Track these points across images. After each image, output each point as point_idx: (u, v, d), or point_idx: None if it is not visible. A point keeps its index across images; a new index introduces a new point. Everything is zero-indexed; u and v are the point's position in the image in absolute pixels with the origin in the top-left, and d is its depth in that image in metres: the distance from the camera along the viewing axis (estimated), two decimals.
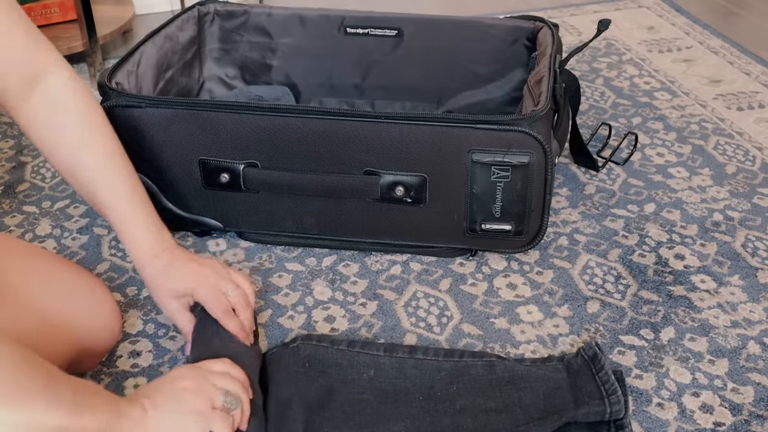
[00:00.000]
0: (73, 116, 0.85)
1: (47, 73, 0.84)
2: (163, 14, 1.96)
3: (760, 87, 1.51)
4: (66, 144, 0.84)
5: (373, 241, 1.07)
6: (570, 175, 1.25)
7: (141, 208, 0.86)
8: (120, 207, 0.85)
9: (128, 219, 0.85)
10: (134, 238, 0.85)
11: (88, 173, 0.85)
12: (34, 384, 0.59)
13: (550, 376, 0.86)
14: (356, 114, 0.97)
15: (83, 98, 0.86)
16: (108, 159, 0.86)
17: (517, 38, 1.25)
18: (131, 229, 0.85)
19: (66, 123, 0.84)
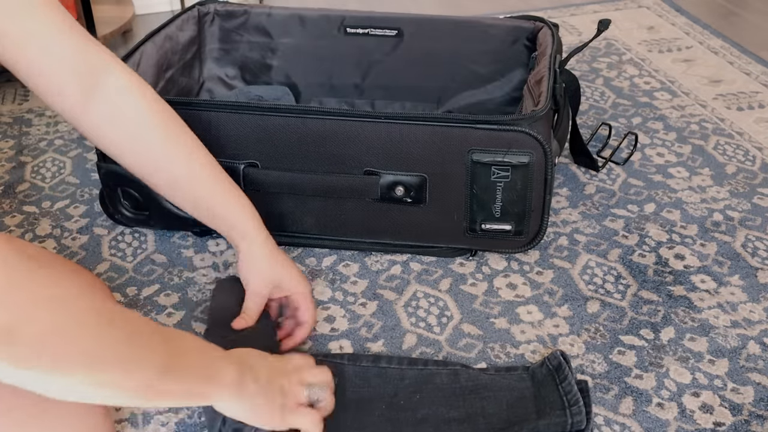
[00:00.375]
0: (148, 127, 0.83)
1: (104, 74, 0.80)
2: (163, 14, 1.96)
3: (760, 87, 1.51)
4: (150, 158, 0.84)
5: (373, 241, 1.07)
6: (570, 175, 1.25)
7: (245, 202, 0.89)
8: (222, 195, 0.87)
9: (235, 200, 0.88)
10: (248, 217, 0.88)
11: (187, 188, 0.86)
12: (116, 343, 0.58)
13: (515, 386, 0.85)
14: (356, 114, 0.97)
15: (148, 102, 0.83)
16: (194, 155, 0.86)
17: (517, 38, 1.25)
18: (243, 208, 0.88)
19: (144, 136, 0.83)
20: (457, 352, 0.93)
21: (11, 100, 1.51)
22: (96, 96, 0.80)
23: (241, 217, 0.88)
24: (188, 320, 0.98)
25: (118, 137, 0.82)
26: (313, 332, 0.96)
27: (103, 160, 1.04)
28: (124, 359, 0.58)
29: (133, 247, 1.10)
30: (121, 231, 1.13)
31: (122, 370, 0.58)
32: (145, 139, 0.83)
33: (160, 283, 1.03)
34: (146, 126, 0.83)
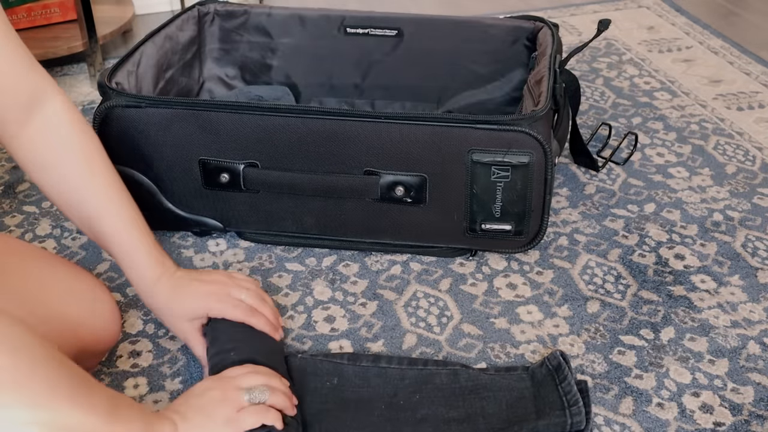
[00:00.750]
0: (73, 149, 0.84)
1: (44, 99, 0.82)
2: (163, 14, 1.96)
3: (760, 87, 1.51)
4: (66, 177, 0.83)
5: (373, 241, 1.07)
6: (570, 175, 1.25)
7: (143, 238, 0.85)
8: (122, 238, 0.84)
9: (131, 249, 0.85)
10: (138, 266, 0.85)
11: (90, 207, 0.84)
12: (69, 387, 0.59)
13: (514, 386, 0.85)
14: (356, 114, 0.97)
15: (80, 128, 0.85)
16: (108, 192, 0.85)
17: (517, 38, 1.25)
18: (135, 258, 0.85)
19: (65, 156, 0.83)
20: (457, 352, 0.93)
21: None
22: (33, 119, 0.81)
23: (142, 262, 0.85)
24: None
25: (45, 160, 0.83)
26: (313, 332, 0.96)
27: None
28: (75, 402, 0.59)
29: None
30: None
31: (75, 410, 0.59)
32: (66, 163, 0.83)
33: None
34: (69, 150, 0.83)
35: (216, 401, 0.73)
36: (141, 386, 0.88)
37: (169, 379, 0.89)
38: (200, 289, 0.86)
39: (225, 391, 0.75)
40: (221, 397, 0.74)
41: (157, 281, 0.85)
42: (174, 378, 0.89)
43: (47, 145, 0.82)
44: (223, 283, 0.87)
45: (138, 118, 1.00)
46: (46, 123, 0.82)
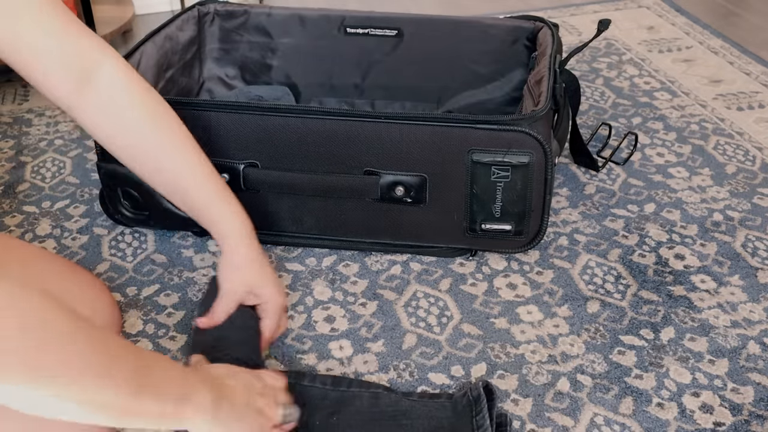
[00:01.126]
0: (137, 118, 0.84)
1: (98, 65, 0.81)
2: (163, 14, 1.96)
3: (760, 87, 1.51)
4: (137, 147, 0.84)
5: (373, 241, 1.07)
6: (570, 175, 1.25)
7: (231, 196, 0.89)
8: (213, 199, 0.87)
9: (225, 197, 0.88)
10: (235, 215, 0.88)
11: (171, 176, 0.86)
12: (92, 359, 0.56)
13: (434, 414, 0.83)
14: (356, 114, 0.97)
15: (140, 92, 0.85)
16: (186, 156, 0.86)
17: (517, 38, 1.25)
18: (230, 206, 0.88)
19: (132, 125, 0.84)
20: (457, 352, 0.93)
21: (11, 100, 1.51)
22: (88, 89, 0.81)
23: (227, 215, 0.87)
24: (188, 320, 0.98)
25: (110, 127, 0.83)
26: (313, 332, 0.96)
27: (103, 160, 1.04)
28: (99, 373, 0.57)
29: (133, 247, 1.10)
30: (121, 231, 1.13)
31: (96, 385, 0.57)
32: (136, 129, 0.84)
33: (160, 283, 1.03)
34: (137, 116, 0.83)
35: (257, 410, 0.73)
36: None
37: None
38: (278, 281, 0.91)
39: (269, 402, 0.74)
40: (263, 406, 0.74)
41: (252, 238, 0.88)
42: None
43: (107, 115, 0.83)
44: (276, 307, 0.90)
45: None
46: (103, 91, 0.82)
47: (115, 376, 0.58)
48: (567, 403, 0.86)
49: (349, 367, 0.91)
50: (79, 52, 0.80)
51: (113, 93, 0.82)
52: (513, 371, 0.90)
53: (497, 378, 0.89)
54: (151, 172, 0.86)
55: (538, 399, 0.87)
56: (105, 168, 1.04)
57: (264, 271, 0.89)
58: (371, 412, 0.83)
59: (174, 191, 0.87)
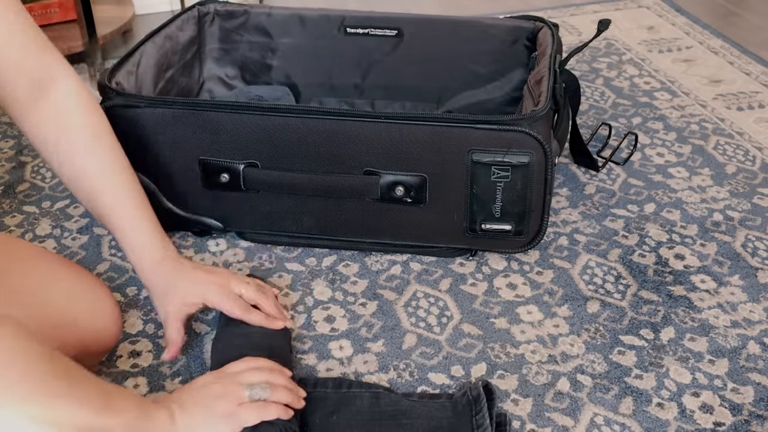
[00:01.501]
0: (81, 126, 0.85)
1: (56, 79, 0.84)
2: (163, 14, 1.96)
3: (760, 87, 1.51)
4: (73, 153, 0.85)
5: (373, 241, 1.07)
6: (570, 175, 1.25)
7: (148, 218, 0.87)
8: (127, 216, 0.86)
9: (135, 227, 0.86)
10: (141, 245, 0.86)
11: (95, 184, 0.85)
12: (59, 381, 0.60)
13: (434, 414, 0.83)
14: (356, 114, 0.97)
15: (90, 108, 0.86)
16: (115, 170, 0.86)
17: (517, 38, 1.25)
18: (138, 236, 0.86)
19: (74, 133, 0.85)
20: (457, 352, 0.93)
21: None
22: (42, 101, 0.83)
23: (142, 237, 0.86)
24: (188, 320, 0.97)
25: (51, 137, 0.84)
26: (313, 332, 0.96)
27: None
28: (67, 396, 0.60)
29: None
30: None
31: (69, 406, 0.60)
32: (72, 138, 0.85)
33: None
34: (77, 126, 0.85)
35: (216, 395, 0.74)
36: (141, 386, 0.88)
37: (169, 379, 0.89)
38: (202, 276, 0.87)
39: (226, 386, 0.75)
40: (222, 391, 0.74)
41: (161, 261, 0.86)
42: (174, 378, 0.89)
43: (55, 123, 0.84)
44: (225, 277, 0.88)
45: (138, 118, 1.00)
46: (57, 102, 0.84)
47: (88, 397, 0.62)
48: (567, 403, 0.86)
49: (349, 367, 0.91)
50: (44, 62, 0.83)
51: (65, 105, 0.84)
52: (513, 371, 0.90)
53: (497, 378, 0.89)
54: (82, 190, 0.86)
55: (538, 399, 0.87)
56: None
57: (186, 277, 0.86)
58: (371, 411, 0.83)
59: (99, 214, 0.87)
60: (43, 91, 0.83)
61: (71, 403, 0.60)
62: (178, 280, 0.86)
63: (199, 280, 0.86)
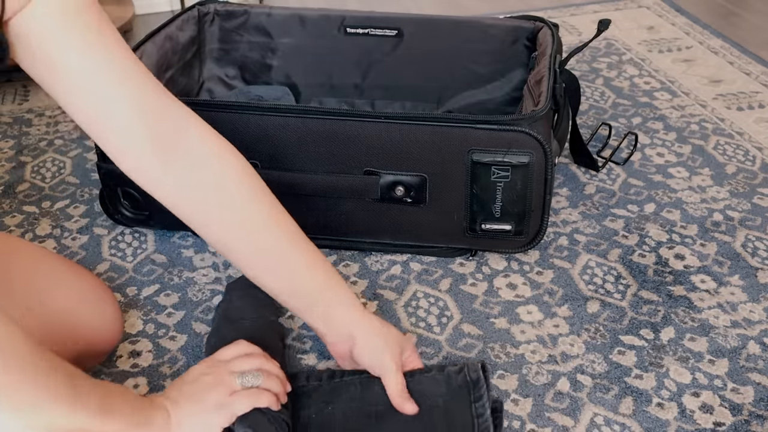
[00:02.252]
0: (239, 181, 0.75)
1: (182, 131, 0.72)
2: (163, 14, 1.96)
3: (760, 87, 1.51)
4: (239, 215, 0.76)
5: (373, 241, 1.07)
6: (570, 175, 1.25)
7: (337, 274, 0.82)
8: (321, 267, 0.81)
9: (338, 280, 0.81)
10: (348, 296, 0.81)
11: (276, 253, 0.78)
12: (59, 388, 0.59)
13: (427, 391, 0.80)
14: (356, 114, 0.97)
15: (235, 155, 0.76)
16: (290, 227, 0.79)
17: (517, 38, 1.25)
18: (344, 288, 0.81)
19: (230, 184, 0.75)
20: (457, 352, 0.93)
21: (11, 100, 1.51)
22: (176, 156, 0.72)
23: (344, 302, 0.81)
24: (188, 320, 0.98)
25: (205, 203, 0.75)
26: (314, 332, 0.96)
27: (103, 160, 1.04)
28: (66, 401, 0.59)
29: (133, 247, 1.10)
30: (121, 231, 1.13)
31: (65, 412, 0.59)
32: (237, 205, 0.76)
33: (160, 283, 1.03)
34: (238, 190, 0.76)
35: (208, 386, 0.73)
36: (141, 386, 0.88)
37: (169, 379, 0.89)
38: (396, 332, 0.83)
39: (217, 376, 0.74)
40: (213, 381, 0.73)
41: (371, 322, 0.81)
42: (174, 378, 0.89)
43: (202, 185, 0.74)
44: None
45: None
46: (195, 158, 0.73)
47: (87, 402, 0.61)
48: (567, 403, 0.86)
49: None
50: (167, 111, 0.71)
51: (207, 163, 0.74)
52: (513, 371, 0.90)
53: (497, 378, 0.89)
54: (251, 254, 0.78)
55: (538, 399, 0.87)
56: (105, 168, 1.05)
57: (390, 330, 0.82)
58: (364, 397, 0.81)
59: (278, 276, 0.79)
60: (174, 143, 0.72)
61: (68, 409, 0.59)
62: (389, 329, 0.81)
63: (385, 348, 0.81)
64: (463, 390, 0.80)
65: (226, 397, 0.73)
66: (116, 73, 0.68)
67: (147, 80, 0.71)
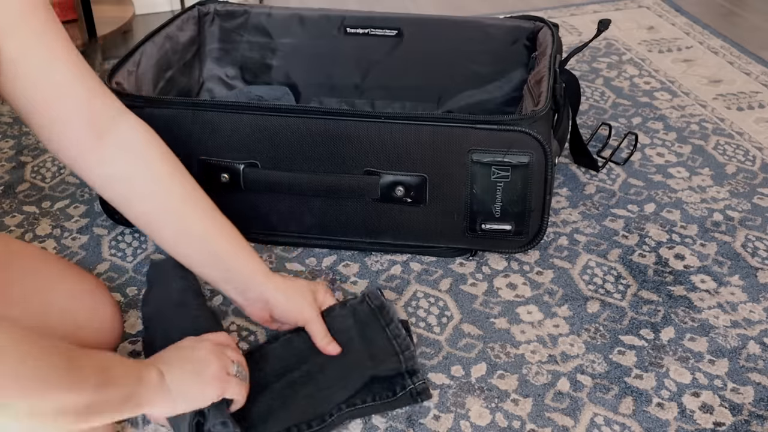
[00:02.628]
0: (161, 162, 0.83)
1: (115, 118, 0.80)
2: (163, 14, 1.96)
3: (760, 87, 1.51)
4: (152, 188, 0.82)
5: (373, 241, 1.07)
6: (570, 175, 1.25)
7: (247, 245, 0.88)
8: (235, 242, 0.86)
9: (249, 252, 0.87)
10: (258, 264, 0.87)
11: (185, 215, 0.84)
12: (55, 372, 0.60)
13: (338, 328, 0.87)
14: (356, 114, 0.97)
15: (156, 141, 0.84)
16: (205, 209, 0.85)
17: (517, 38, 1.25)
18: (254, 257, 0.87)
19: (153, 166, 0.82)
20: (457, 352, 0.93)
21: None
22: (106, 139, 0.79)
23: (258, 267, 0.87)
24: None
25: (128, 184, 0.82)
26: None
27: None
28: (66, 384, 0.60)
29: (133, 247, 1.10)
30: (121, 231, 1.13)
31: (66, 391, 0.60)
32: (160, 186, 0.82)
33: None
34: (160, 171, 0.82)
35: (208, 359, 0.75)
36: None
37: None
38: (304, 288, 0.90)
39: (216, 353, 0.76)
40: (214, 357, 0.75)
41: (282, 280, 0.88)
42: None
43: (127, 166, 0.81)
44: None
45: None
46: (123, 141, 0.80)
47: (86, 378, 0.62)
48: (567, 403, 0.86)
49: None
50: (104, 104, 0.79)
51: (133, 145, 0.81)
52: (513, 371, 0.90)
53: (497, 378, 0.89)
54: (174, 234, 0.84)
55: (538, 399, 0.87)
56: None
57: (300, 283, 0.90)
58: (288, 354, 0.86)
59: (203, 256, 0.85)
60: (106, 129, 0.79)
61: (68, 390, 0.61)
62: (296, 282, 0.89)
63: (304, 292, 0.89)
64: (370, 317, 0.87)
65: (224, 374, 0.75)
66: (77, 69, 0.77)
67: (87, 77, 0.78)
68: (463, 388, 0.88)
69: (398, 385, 0.85)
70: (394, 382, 0.85)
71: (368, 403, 0.84)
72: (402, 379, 0.85)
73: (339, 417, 0.83)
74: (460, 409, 0.86)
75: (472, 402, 0.86)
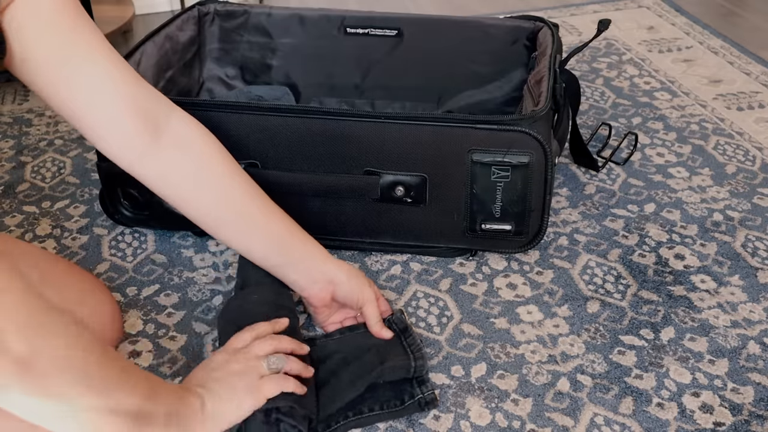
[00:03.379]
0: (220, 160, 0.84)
1: (168, 115, 0.81)
2: (163, 14, 1.97)
3: (760, 87, 1.51)
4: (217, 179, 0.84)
5: (373, 241, 1.07)
6: (570, 175, 1.25)
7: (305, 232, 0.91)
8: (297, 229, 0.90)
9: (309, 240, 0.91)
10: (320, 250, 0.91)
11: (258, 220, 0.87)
12: (114, 374, 0.63)
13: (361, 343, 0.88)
14: (356, 114, 0.97)
15: (213, 137, 0.85)
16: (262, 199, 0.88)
17: (517, 38, 1.25)
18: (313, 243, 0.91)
19: (215, 159, 0.84)
20: (457, 352, 0.93)
21: (11, 100, 1.51)
22: (163, 138, 0.80)
23: (318, 248, 0.91)
24: (188, 320, 0.98)
25: (191, 181, 0.83)
26: (313, 332, 0.96)
27: (103, 160, 1.04)
28: (120, 384, 0.63)
29: (133, 247, 1.10)
30: (121, 231, 1.13)
31: (120, 391, 0.63)
32: (226, 191, 0.85)
33: (160, 283, 1.03)
34: (221, 168, 0.84)
35: (237, 373, 0.76)
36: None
37: (169, 380, 0.89)
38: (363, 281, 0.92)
39: (243, 362, 0.77)
40: (242, 368, 0.76)
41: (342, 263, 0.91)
42: (174, 378, 0.89)
43: (188, 163, 0.82)
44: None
45: None
46: (181, 138, 0.81)
47: (137, 385, 0.66)
48: (567, 403, 0.86)
49: None
50: (152, 98, 0.79)
51: (191, 143, 0.82)
52: (513, 371, 0.90)
53: (497, 378, 0.89)
54: (238, 229, 0.87)
55: (538, 399, 0.87)
56: (105, 168, 1.04)
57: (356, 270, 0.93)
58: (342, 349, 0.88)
59: (267, 244, 0.88)
60: (160, 126, 0.80)
61: (124, 391, 0.63)
62: (357, 270, 0.92)
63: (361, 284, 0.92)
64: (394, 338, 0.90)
65: (256, 380, 0.76)
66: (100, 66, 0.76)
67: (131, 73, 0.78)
68: (463, 388, 0.88)
69: (407, 393, 0.85)
70: (402, 390, 0.85)
71: (375, 411, 0.83)
72: (411, 387, 0.85)
73: (345, 425, 0.82)
74: (460, 409, 0.86)
75: (472, 402, 0.87)
